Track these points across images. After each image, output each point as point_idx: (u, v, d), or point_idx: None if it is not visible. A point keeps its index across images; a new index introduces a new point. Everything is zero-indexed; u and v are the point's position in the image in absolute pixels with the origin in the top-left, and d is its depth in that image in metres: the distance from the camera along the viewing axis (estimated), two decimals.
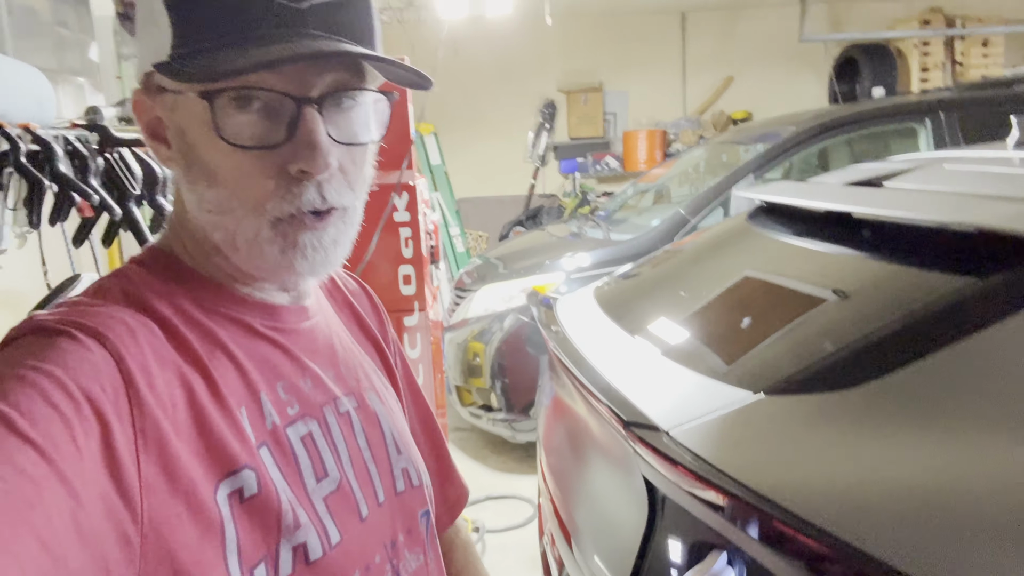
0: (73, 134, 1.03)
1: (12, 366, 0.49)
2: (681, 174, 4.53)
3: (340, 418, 0.68)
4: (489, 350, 3.60)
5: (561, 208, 6.44)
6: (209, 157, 0.58)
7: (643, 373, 1.36)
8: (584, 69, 6.77)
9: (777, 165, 3.67)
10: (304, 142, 0.56)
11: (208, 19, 0.55)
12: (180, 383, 0.55)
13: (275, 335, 0.65)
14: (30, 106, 0.97)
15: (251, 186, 0.57)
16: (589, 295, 1.94)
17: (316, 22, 0.56)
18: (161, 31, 0.56)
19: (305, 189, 0.58)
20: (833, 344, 1.09)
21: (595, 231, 4.05)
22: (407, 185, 2.39)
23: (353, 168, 0.61)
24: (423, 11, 5.16)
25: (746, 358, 1.22)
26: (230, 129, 0.56)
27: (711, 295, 1.60)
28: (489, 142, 6.75)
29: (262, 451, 0.59)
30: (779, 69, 6.73)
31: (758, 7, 6.61)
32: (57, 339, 0.51)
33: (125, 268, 0.63)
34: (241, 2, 0.55)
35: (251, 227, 0.59)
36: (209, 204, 0.59)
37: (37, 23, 1.17)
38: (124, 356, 0.52)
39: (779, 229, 1.70)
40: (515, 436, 3.66)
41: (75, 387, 0.48)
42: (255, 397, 0.60)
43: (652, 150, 6.55)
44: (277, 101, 0.56)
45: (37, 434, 0.45)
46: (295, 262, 0.60)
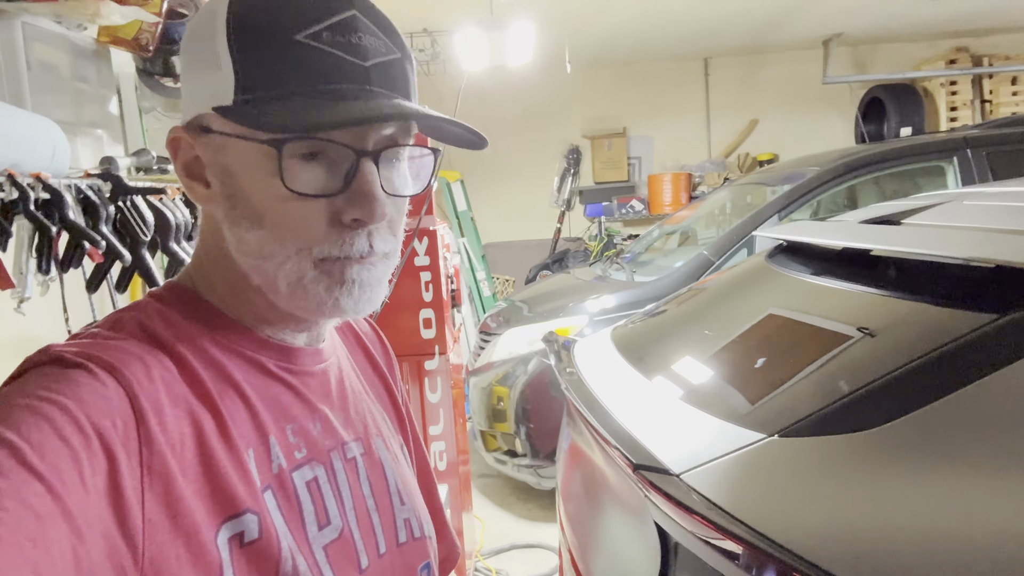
0: (85, 183, 1.06)
1: (26, 396, 0.49)
2: (707, 215, 4.51)
3: (347, 464, 0.67)
4: (513, 394, 3.58)
5: (587, 251, 6.44)
6: (259, 201, 0.59)
7: (656, 415, 1.33)
8: (607, 115, 6.83)
9: (802, 205, 3.63)
10: (362, 193, 0.58)
11: (275, 68, 0.56)
12: (190, 421, 0.55)
13: (288, 376, 0.65)
14: (43, 156, 1.01)
15: (302, 232, 0.58)
16: (606, 337, 1.93)
17: (379, 79, 0.58)
18: (223, 75, 0.57)
19: (357, 237, 0.59)
20: (849, 384, 1.06)
21: (619, 273, 4.03)
22: (427, 230, 2.41)
23: (397, 217, 0.63)
24: (448, 64, 5.28)
25: (759, 399, 1.19)
26: (291, 176, 0.57)
27: (727, 337, 1.57)
28: (515, 188, 6.82)
29: (266, 495, 0.58)
30: (804, 111, 6.73)
31: (781, 51, 6.65)
32: (72, 371, 0.52)
33: (142, 302, 0.64)
34: (309, 55, 0.56)
35: (295, 269, 0.59)
36: (249, 247, 0.60)
37: (57, 78, 1.22)
38: (137, 392, 0.52)
39: (797, 268, 1.68)
40: (540, 483, 3.60)
41: (86, 421, 0.49)
42: (264, 439, 0.60)
43: (677, 193, 6.55)
44: (338, 152, 0.58)
45: (45, 467, 0.45)
46: (341, 299, 0.61)
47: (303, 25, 0.56)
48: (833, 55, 6.21)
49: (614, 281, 3.92)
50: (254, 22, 0.57)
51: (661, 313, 2.01)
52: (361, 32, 0.58)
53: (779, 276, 1.72)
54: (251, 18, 0.57)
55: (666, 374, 1.52)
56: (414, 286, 2.43)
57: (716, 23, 5.41)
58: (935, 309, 1.15)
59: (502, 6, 4.21)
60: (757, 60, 6.75)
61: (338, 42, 0.57)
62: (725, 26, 5.53)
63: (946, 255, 1.16)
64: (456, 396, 2.61)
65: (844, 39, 6.22)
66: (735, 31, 5.73)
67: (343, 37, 0.57)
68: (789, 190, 3.64)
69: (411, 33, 4.90)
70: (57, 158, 1.04)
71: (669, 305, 2.06)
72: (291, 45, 0.56)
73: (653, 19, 5.18)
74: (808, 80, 6.53)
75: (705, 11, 5.04)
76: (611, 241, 6.33)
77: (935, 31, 6.24)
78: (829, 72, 6.22)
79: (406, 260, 2.38)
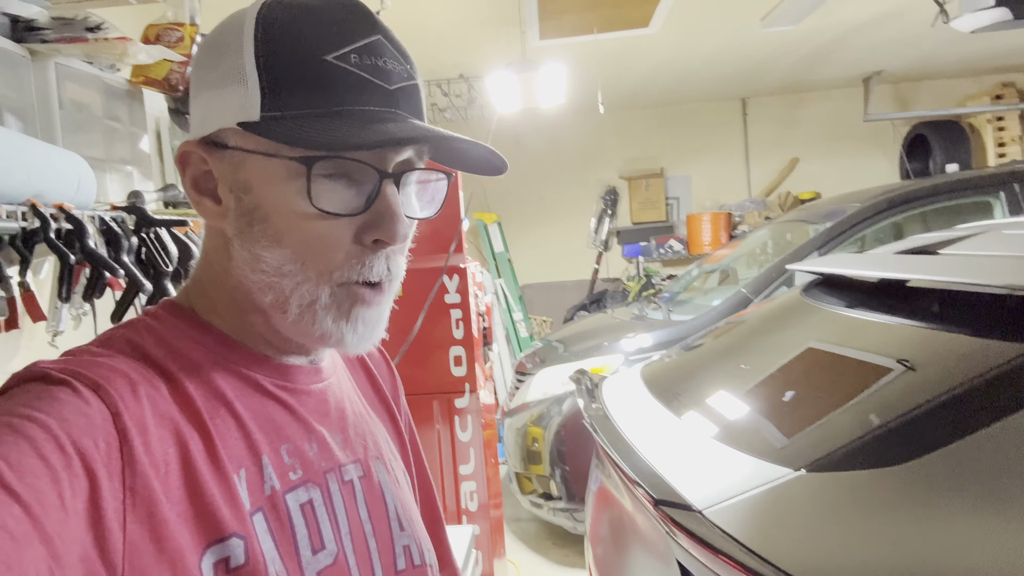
0: (109, 215, 1.09)
1: (7, 414, 0.48)
2: (747, 254, 4.45)
3: (343, 487, 0.65)
4: (548, 435, 3.52)
5: (625, 292, 6.39)
6: (280, 218, 0.59)
7: (683, 452, 1.29)
8: (644, 156, 6.84)
9: (844, 242, 3.55)
10: (385, 214, 0.58)
11: (304, 86, 0.56)
12: (176, 442, 0.54)
13: (284, 395, 0.64)
14: (67, 188, 1.04)
15: (325, 251, 0.58)
16: (635, 374, 1.89)
17: (404, 103, 0.59)
18: (248, 90, 0.57)
19: (377, 259, 0.59)
20: (881, 416, 1.01)
21: (656, 312, 3.98)
22: (458, 268, 2.42)
23: (408, 242, 0.63)
24: (484, 108, 5.37)
25: (790, 434, 1.15)
26: (317, 194, 0.57)
27: (761, 372, 1.53)
28: (552, 229, 6.84)
29: (256, 517, 0.56)
30: (846, 149, 6.64)
31: (820, 90, 6.60)
32: (56, 389, 0.50)
33: (136, 320, 0.63)
34: (338, 76, 0.56)
35: (310, 292, 0.59)
36: (267, 265, 0.59)
37: (89, 117, 1.27)
38: (121, 411, 0.51)
39: (834, 302, 1.63)
40: (576, 527, 3.52)
41: (68, 441, 0.47)
42: (256, 459, 0.59)
43: (717, 232, 6.49)
44: (361, 173, 0.58)
45: (23, 488, 0.44)
46: (345, 334, 0.60)
47: (332, 46, 0.57)
48: (874, 92, 6.14)
49: (651, 320, 3.87)
50: (283, 40, 0.57)
51: (693, 349, 1.97)
52: (386, 56, 0.59)
53: (815, 310, 1.67)
54: (280, 35, 0.57)
55: (696, 410, 1.48)
56: (445, 323, 2.43)
57: (753, 64, 5.42)
58: (973, 340, 1.10)
59: (535, 50, 4.28)
60: (796, 99, 6.71)
61: (366, 65, 0.57)
62: (762, 67, 5.52)
63: (984, 284, 1.11)
64: (488, 436, 2.58)
65: (885, 76, 6.15)
66: (773, 71, 5.72)
67: (370, 60, 0.58)
68: (830, 227, 3.56)
69: (448, 79, 5.01)
70: (82, 190, 1.07)
71: (701, 341, 2.02)
72: (320, 64, 0.56)
73: (687, 62, 5.21)
74: (849, 118, 6.45)
75: (741, 52, 5.05)
76: (650, 281, 6.27)
77: (979, 66, 6.14)
78: (870, 109, 6.14)
79: (435, 296, 2.39)
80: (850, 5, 4.07)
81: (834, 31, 4.64)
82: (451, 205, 2.48)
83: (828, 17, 4.22)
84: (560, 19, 3.93)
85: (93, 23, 1.15)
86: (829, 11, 4.08)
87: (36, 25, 1.12)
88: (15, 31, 1.12)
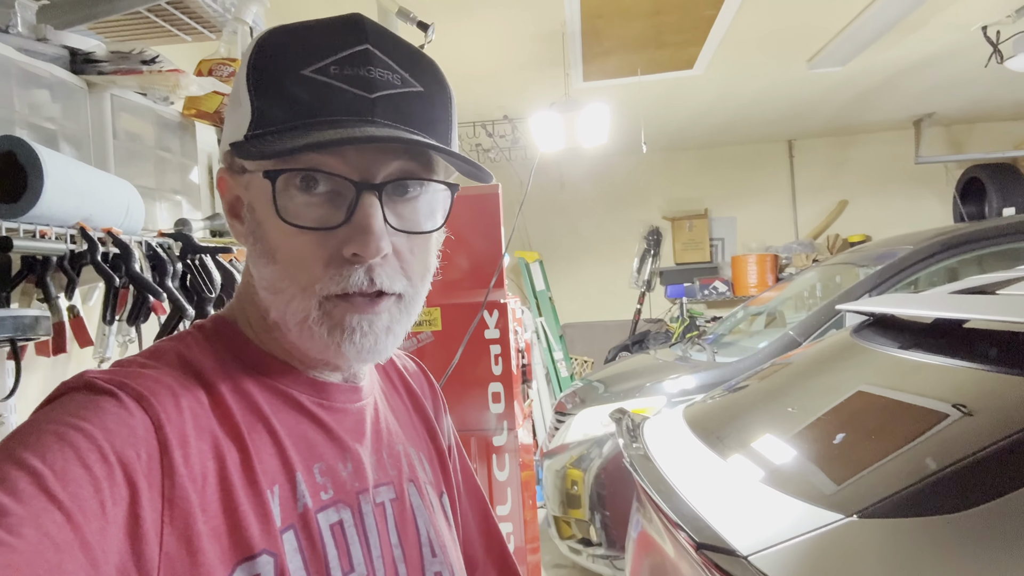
0: (156, 241, 1.12)
1: (54, 422, 0.49)
2: (794, 297, 4.35)
3: (375, 509, 0.64)
4: (588, 478, 3.45)
5: (668, 333, 6.30)
6: (272, 236, 0.59)
7: (728, 495, 1.24)
8: (688, 196, 6.80)
9: (895, 286, 3.45)
10: (359, 226, 0.56)
11: (285, 103, 0.56)
12: (214, 455, 0.55)
13: (321, 413, 0.64)
14: (116, 213, 1.07)
15: (305, 266, 0.58)
16: (678, 415, 1.84)
17: (384, 111, 0.57)
18: (244, 112, 0.58)
19: (354, 271, 0.57)
20: (938, 462, 0.96)
21: (700, 354, 3.90)
22: (498, 303, 2.41)
23: (411, 256, 0.61)
24: (528, 149, 5.42)
25: (840, 479, 1.10)
26: (291, 209, 0.57)
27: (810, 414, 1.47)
28: (594, 268, 6.81)
29: (287, 535, 0.56)
30: (896, 192, 6.50)
31: (869, 132, 6.51)
32: (101, 399, 0.52)
33: (186, 332, 0.64)
34: (317, 89, 0.56)
35: (300, 308, 0.58)
36: (265, 281, 0.60)
37: (141, 147, 1.31)
38: (163, 423, 0.52)
39: (886, 343, 1.57)
40: (616, 575, 3.42)
41: (111, 450, 0.48)
42: (290, 476, 0.58)
43: (763, 274, 6.38)
44: (340, 186, 0.57)
45: (66, 496, 0.45)
46: (342, 345, 0.59)
47: (313, 60, 0.57)
48: (925, 135, 6.02)
49: (695, 361, 3.80)
50: (270, 60, 0.58)
51: (738, 390, 1.91)
52: (372, 65, 0.57)
53: (866, 351, 1.62)
54: (268, 56, 0.58)
55: (741, 453, 1.43)
56: (483, 359, 2.41)
57: (800, 105, 5.37)
58: None
59: (578, 91, 4.32)
60: (844, 141, 6.62)
61: (346, 76, 0.56)
62: (809, 108, 5.47)
63: None
64: (526, 477, 2.54)
65: (936, 119, 6.04)
66: (820, 113, 5.67)
67: (351, 70, 0.57)
68: (881, 269, 3.47)
69: (493, 121, 5.08)
70: (131, 217, 1.10)
71: (747, 382, 1.96)
72: (297, 80, 0.56)
73: (732, 103, 5.19)
74: (900, 160, 6.33)
75: (788, 94, 5.02)
76: (693, 323, 6.17)
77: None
78: (922, 152, 6.02)
79: (474, 331, 2.38)
80: (900, 46, 4.02)
81: (883, 72, 4.58)
82: (492, 241, 2.49)
83: (877, 58, 4.17)
84: (604, 61, 3.97)
85: (148, 56, 1.19)
86: (878, 52, 4.04)
87: (94, 58, 1.17)
88: (74, 63, 1.17)
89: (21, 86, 1.05)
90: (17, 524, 0.42)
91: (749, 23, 3.51)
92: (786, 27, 3.64)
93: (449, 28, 3.19)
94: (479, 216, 2.47)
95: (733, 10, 3.32)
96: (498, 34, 3.54)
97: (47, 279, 0.99)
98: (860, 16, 3.48)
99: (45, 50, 1.10)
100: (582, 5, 3.17)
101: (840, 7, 3.41)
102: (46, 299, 1.02)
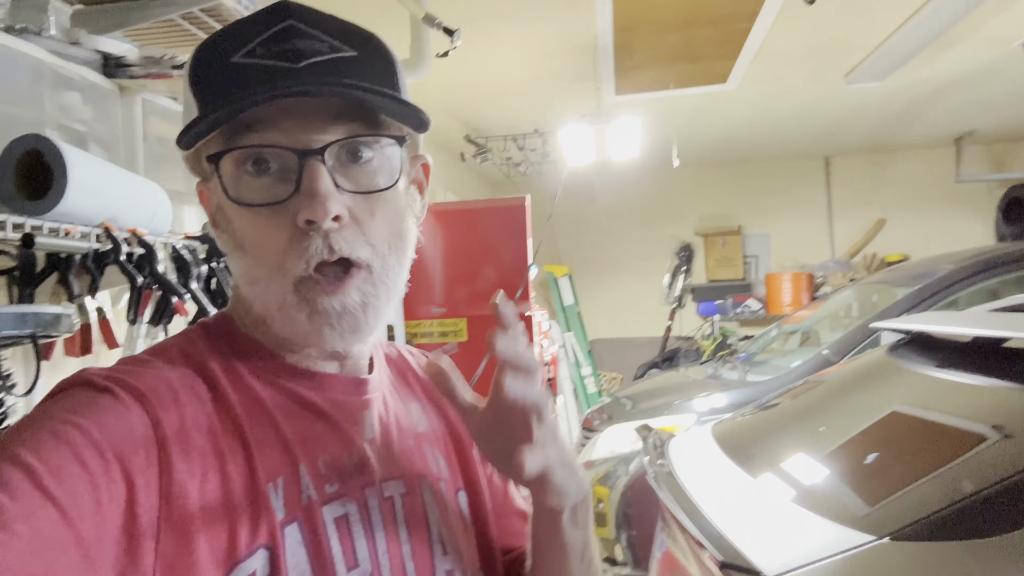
0: (181, 243, 1.13)
1: (50, 419, 0.49)
2: (829, 316, 4.27)
3: (383, 503, 0.63)
4: (614, 496, 3.40)
5: (699, 351, 6.21)
6: (237, 226, 0.59)
7: (755, 514, 1.21)
8: (721, 212, 6.73)
9: (933, 306, 3.36)
10: (306, 192, 0.55)
11: (219, 92, 0.56)
12: (214, 450, 0.54)
13: (324, 405, 0.63)
14: (143, 215, 1.08)
15: (267, 245, 0.57)
16: (707, 432, 1.80)
17: (313, 77, 0.56)
18: (189, 111, 0.58)
19: (312, 240, 0.56)
20: (974, 485, 0.91)
21: (732, 372, 3.84)
22: (523, 315, 2.40)
23: (371, 220, 0.59)
24: (558, 163, 5.42)
25: (873, 501, 1.06)
26: (245, 194, 0.57)
27: (843, 434, 1.43)
28: (624, 284, 6.76)
29: (290, 528, 0.55)
30: (936, 211, 6.36)
31: (908, 149, 6.39)
32: (99, 395, 0.52)
33: (190, 329, 0.64)
34: (243, 72, 0.56)
35: (277, 293, 0.58)
36: (241, 274, 0.60)
37: (171, 151, 1.33)
38: (161, 419, 0.52)
39: (923, 362, 1.52)
40: None
41: (108, 447, 0.48)
42: (293, 469, 0.58)
43: (798, 293, 6.27)
44: (286, 159, 0.56)
45: (62, 492, 0.45)
46: (322, 329, 0.58)
47: (239, 46, 0.57)
48: (966, 153, 5.90)
49: (726, 380, 3.73)
50: (203, 57, 0.58)
51: (769, 408, 1.87)
52: (297, 38, 0.57)
53: (902, 370, 1.57)
54: (202, 54, 0.59)
55: (772, 471, 1.39)
56: None
57: (836, 121, 5.29)
58: None
59: (610, 105, 4.30)
60: (883, 158, 6.51)
61: (271, 52, 0.56)
62: (846, 124, 5.39)
63: None
64: None
65: (977, 137, 5.91)
66: (857, 129, 5.58)
67: (276, 46, 0.56)
68: (919, 289, 3.38)
69: (524, 134, 5.09)
70: (157, 218, 1.11)
71: (779, 400, 1.92)
72: (227, 68, 0.56)
73: (767, 118, 5.13)
74: (940, 178, 6.21)
75: (824, 109, 4.95)
76: (725, 340, 6.08)
77: None
78: (963, 170, 5.90)
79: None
80: (939, 62, 3.94)
81: (922, 88, 4.50)
82: (518, 255, 2.48)
83: (916, 74, 4.10)
84: (636, 75, 3.95)
85: (180, 61, 1.21)
86: (917, 68, 3.96)
87: (126, 62, 1.20)
88: (106, 67, 1.20)
89: (52, 88, 1.07)
90: (10, 521, 0.42)
91: (784, 37, 3.47)
92: (822, 41, 3.60)
93: (481, 41, 3.21)
94: (506, 228, 2.47)
95: (767, 24, 3.28)
96: (530, 47, 3.54)
97: (69, 277, 1.00)
98: (898, 30, 3.42)
99: (77, 53, 1.12)
100: (614, 18, 3.16)
101: (878, 21, 3.36)
102: (69, 297, 1.04)
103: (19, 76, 1.00)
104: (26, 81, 1.01)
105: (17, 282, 1.02)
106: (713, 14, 3.18)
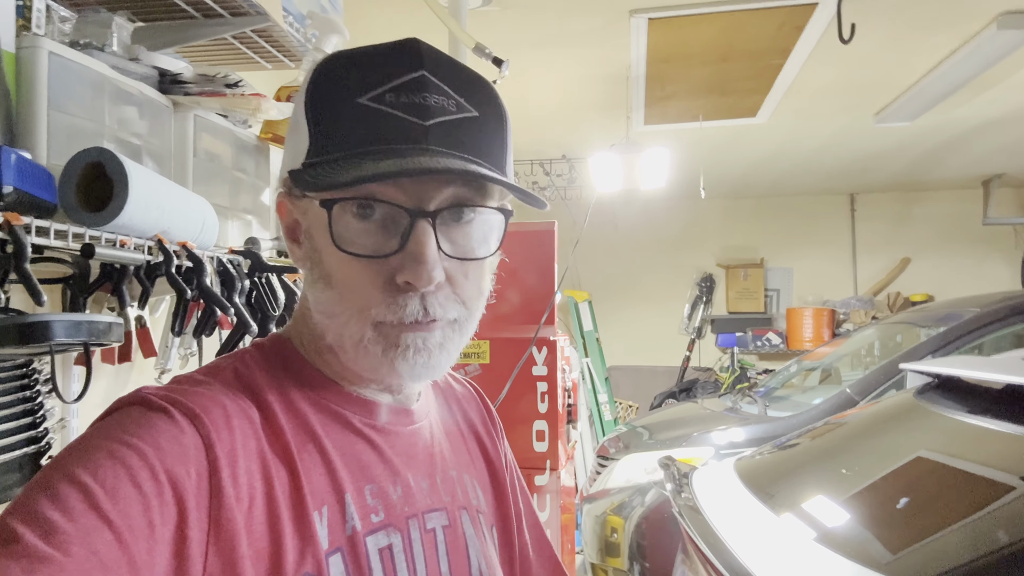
0: (227, 257, 1.15)
1: (106, 438, 0.50)
2: (851, 354, 4.23)
3: (425, 535, 0.64)
4: (628, 526, 3.36)
5: (717, 383, 6.17)
6: (328, 262, 0.59)
7: (781, 553, 1.20)
8: (744, 245, 6.72)
9: (959, 349, 3.32)
10: (412, 254, 0.56)
11: (342, 131, 0.57)
12: (262, 475, 0.55)
13: (373, 434, 0.64)
14: (192, 228, 1.11)
15: (359, 293, 0.58)
16: (729, 467, 1.79)
17: (438, 139, 0.56)
18: (301, 140, 0.59)
19: (409, 300, 0.57)
20: (1004, 537, 0.91)
21: (751, 407, 3.81)
22: (547, 340, 2.40)
23: (465, 282, 0.60)
24: (584, 189, 5.45)
25: (900, 547, 1.05)
26: (347, 237, 0.57)
27: (867, 477, 1.42)
28: (644, 312, 6.74)
29: (334, 558, 0.56)
30: (962, 252, 6.31)
31: (935, 189, 6.36)
32: (154, 416, 0.52)
33: (244, 350, 0.65)
34: (368, 117, 0.56)
35: (356, 330, 0.59)
36: (321, 306, 0.60)
37: (219, 167, 1.36)
38: (214, 442, 0.52)
39: (952, 407, 1.51)
40: None
41: (161, 469, 0.49)
42: (339, 497, 0.58)
43: (819, 328, 6.22)
44: (395, 213, 0.57)
45: (116, 514, 0.45)
46: (396, 363, 0.59)
47: (369, 88, 0.57)
48: (994, 195, 5.86)
49: (745, 414, 3.70)
50: (326, 87, 0.58)
51: (791, 447, 1.85)
52: (428, 92, 0.57)
53: (929, 414, 1.55)
54: (325, 83, 0.59)
55: (796, 511, 1.38)
56: (530, 396, 2.40)
57: (864, 159, 5.28)
58: None
59: (638, 134, 4.33)
60: (909, 197, 6.47)
61: (401, 103, 0.56)
62: (874, 162, 5.38)
63: None
64: (566, 521, 2.49)
65: (1006, 180, 5.87)
66: (885, 168, 5.56)
67: (407, 98, 0.57)
68: (945, 331, 3.34)
69: (551, 159, 5.13)
70: (205, 232, 1.14)
71: (802, 439, 1.90)
72: (353, 108, 0.57)
73: (794, 153, 5.13)
74: (966, 220, 6.16)
75: (852, 147, 4.94)
76: (744, 373, 6.04)
77: None
78: (991, 213, 5.85)
79: (522, 367, 2.37)
80: (971, 104, 3.93)
81: (952, 130, 4.48)
82: (545, 279, 2.49)
83: (946, 115, 4.09)
84: (666, 106, 3.98)
85: (232, 80, 1.25)
86: (948, 109, 3.96)
87: (181, 79, 1.23)
88: (162, 83, 1.23)
89: (112, 102, 1.10)
90: (66, 542, 0.43)
91: (816, 73, 3.49)
92: (854, 79, 3.61)
93: (515, 65, 3.25)
94: (534, 252, 2.47)
95: (800, 60, 3.30)
96: (563, 74, 3.58)
97: (123, 288, 1.02)
98: (932, 72, 3.42)
99: (136, 69, 1.15)
100: (648, 49, 3.19)
101: (913, 62, 3.37)
102: (120, 307, 1.06)
103: (84, 90, 1.04)
104: (89, 95, 1.05)
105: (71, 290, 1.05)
106: (748, 49, 3.20)
